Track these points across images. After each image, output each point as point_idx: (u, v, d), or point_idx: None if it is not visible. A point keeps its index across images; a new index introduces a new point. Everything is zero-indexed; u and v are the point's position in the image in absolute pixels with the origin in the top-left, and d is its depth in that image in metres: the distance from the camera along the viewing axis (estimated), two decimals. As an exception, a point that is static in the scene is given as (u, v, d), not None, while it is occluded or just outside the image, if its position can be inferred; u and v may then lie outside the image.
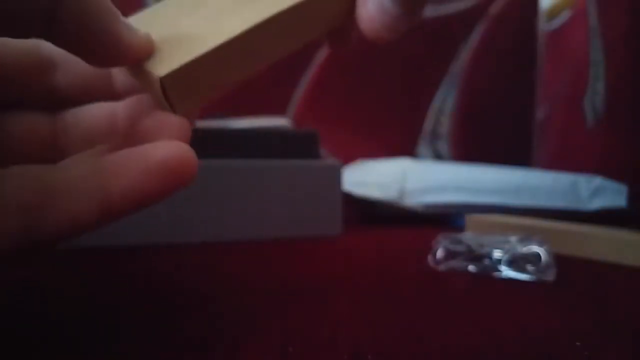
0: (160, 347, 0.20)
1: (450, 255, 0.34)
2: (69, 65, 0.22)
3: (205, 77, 0.20)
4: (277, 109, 0.85)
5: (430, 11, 0.88)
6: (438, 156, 0.88)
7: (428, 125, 0.88)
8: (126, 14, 0.20)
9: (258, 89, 0.85)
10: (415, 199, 0.56)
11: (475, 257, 0.33)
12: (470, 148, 0.88)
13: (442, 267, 0.34)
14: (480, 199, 0.55)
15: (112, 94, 0.23)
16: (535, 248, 0.32)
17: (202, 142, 0.45)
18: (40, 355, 0.19)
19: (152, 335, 0.21)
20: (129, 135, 0.20)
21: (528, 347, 0.20)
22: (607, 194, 0.56)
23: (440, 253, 0.35)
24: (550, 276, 0.31)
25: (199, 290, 0.28)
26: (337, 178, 0.48)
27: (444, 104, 0.88)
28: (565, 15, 0.79)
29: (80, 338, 0.21)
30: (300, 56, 0.82)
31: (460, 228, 0.53)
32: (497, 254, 0.33)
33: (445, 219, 0.59)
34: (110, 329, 0.22)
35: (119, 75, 0.23)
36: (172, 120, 0.20)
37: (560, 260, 0.34)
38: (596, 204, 0.55)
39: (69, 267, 0.34)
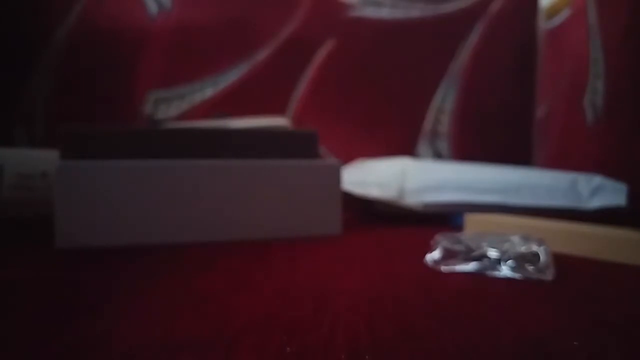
0: (160, 347, 0.20)
1: (449, 254, 0.34)
2: None
3: None
4: (277, 109, 0.85)
5: (430, 10, 0.88)
6: (438, 155, 0.88)
7: (428, 124, 0.88)
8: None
9: (258, 89, 0.85)
10: (415, 198, 0.56)
11: (474, 256, 0.33)
12: (470, 147, 0.88)
13: (441, 267, 0.34)
14: (480, 198, 0.55)
15: None
16: (535, 247, 0.32)
17: (202, 142, 0.45)
18: (40, 354, 0.19)
19: (152, 334, 0.21)
20: None
21: (527, 347, 0.21)
22: (607, 193, 0.56)
23: (439, 253, 0.35)
24: (549, 275, 0.31)
25: (199, 290, 0.28)
26: (337, 178, 0.48)
27: (443, 103, 0.88)
28: (564, 14, 0.79)
29: (79, 337, 0.21)
30: (300, 56, 0.83)
31: (459, 227, 0.54)
32: (496, 253, 0.33)
33: (444, 218, 0.59)
34: (110, 329, 0.22)
35: None
36: None
37: (560, 260, 0.34)
38: (596, 203, 0.55)
39: (69, 267, 0.34)
